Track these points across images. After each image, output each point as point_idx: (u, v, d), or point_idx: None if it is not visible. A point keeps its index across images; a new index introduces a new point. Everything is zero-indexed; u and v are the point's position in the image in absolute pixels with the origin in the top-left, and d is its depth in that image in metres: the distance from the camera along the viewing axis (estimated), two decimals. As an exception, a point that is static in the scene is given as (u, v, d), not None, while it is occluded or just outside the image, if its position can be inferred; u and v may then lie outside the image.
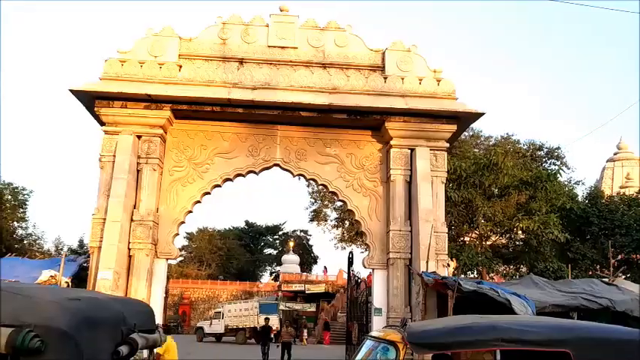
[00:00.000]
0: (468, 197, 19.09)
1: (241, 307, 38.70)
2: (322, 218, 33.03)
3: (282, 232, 74.80)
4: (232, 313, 37.87)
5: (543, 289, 11.83)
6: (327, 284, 47.67)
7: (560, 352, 3.75)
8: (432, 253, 12.31)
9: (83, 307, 2.76)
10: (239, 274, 65.11)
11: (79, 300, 2.81)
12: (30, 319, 2.48)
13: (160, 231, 13.21)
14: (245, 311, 37.72)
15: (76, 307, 2.69)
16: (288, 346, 20.16)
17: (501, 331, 3.79)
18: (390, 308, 12.78)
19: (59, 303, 2.64)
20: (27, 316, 2.50)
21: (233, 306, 39.89)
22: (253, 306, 37.91)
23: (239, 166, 13.79)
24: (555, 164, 25.78)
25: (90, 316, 2.72)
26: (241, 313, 37.68)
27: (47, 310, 2.58)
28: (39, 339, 2.42)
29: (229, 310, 38.43)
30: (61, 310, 2.59)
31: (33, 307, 2.56)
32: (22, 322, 2.45)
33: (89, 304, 2.87)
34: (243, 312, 37.74)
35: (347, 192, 13.79)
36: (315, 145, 13.97)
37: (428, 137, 13.51)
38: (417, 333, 3.90)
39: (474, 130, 28.24)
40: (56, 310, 2.58)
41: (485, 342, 3.80)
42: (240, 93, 13.16)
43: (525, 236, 20.04)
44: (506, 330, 3.81)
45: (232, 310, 38.59)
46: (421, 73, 13.76)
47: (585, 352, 3.73)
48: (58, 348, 2.48)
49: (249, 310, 37.59)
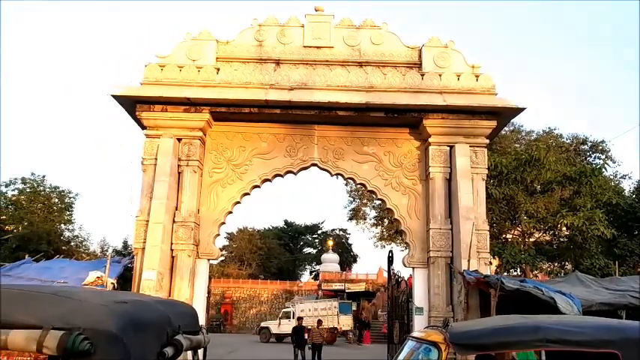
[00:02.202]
0: (510, 194, 18.74)
1: (317, 307, 37.71)
2: (361, 217, 32.93)
3: (321, 231, 74.94)
4: (306, 313, 36.33)
5: (589, 286, 11.53)
6: (367, 283, 47.55)
7: (607, 353, 3.65)
8: (473, 251, 12.15)
9: (130, 309, 2.84)
10: (279, 273, 65.54)
11: (126, 303, 2.89)
12: (79, 322, 2.57)
13: (201, 232, 13.42)
14: (322, 310, 36.93)
15: (124, 309, 2.78)
16: (319, 348, 19.19)
17: (546, 331, 3.71)
18: (432, 307, 12.66)
19: (107, 306, 2.73)
20: (77, 319, 2.59)
21: (307, 305, 38.96)
22: (333, 305, 37.16)
23: (277, 166, 13.88)
24: (600, 158, 25.07)
25: (136, 319, 2.80)
26: (317, 312, 36.78)
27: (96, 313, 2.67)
28: (88, 341, 2.50)
29: (302, 310, 37.19)
30: (109, 313, 2.67)
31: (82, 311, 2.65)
32: (73, 325, 2.54)
33: (136, 307, 2.95)
34: (320, 311, 36.84)
35: (385, 190, 13.72)
36: (352, 144, 13.96)
37: (467, 134, 13.32)
38: (460, 333, 3.85)
39: (515, 125, 27.69)
40: (104, 313, 2.66)
41: (530, 342, 3.73)
42: (277, 94, 13.25)
43: (570, 233, 19.53)
44: (551, 330, 3.73)
45: (305, 309, 37.52)
46: (459, 69, 13.59)
47: (635, 354, 3.62)
48: (107, 350, 2.56)
49: (327, 310, 36.93)
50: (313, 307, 37.98)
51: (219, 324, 49.97)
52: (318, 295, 47.70)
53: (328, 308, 37.02)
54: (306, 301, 40.88)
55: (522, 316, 4.16)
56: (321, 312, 36.70)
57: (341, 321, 36.53)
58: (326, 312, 36.71)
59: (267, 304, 54.89)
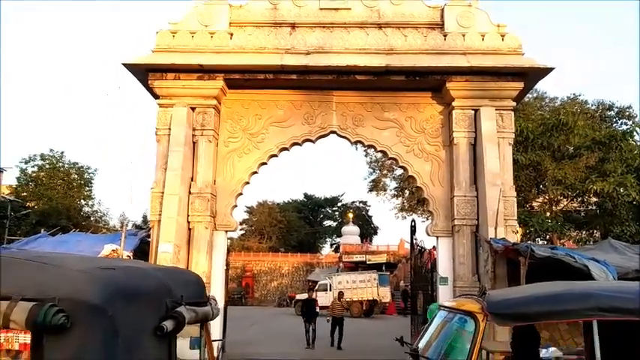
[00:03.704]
0: (536, 160, 18.08)
1: (355, 279, 36.98)
2: (381, 188, 32.42)
3: (341, 203, 74.58)
4: (344, 285, 35.44)
5: (624, 253, 11.01)
6: (388, 254, 47.24)
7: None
8: (500, 218, 11.66)
9: (119, 277, 2.42)
10: (299, 246, 65.49)
11: (114, 269, 2.46)
12: (55, 292, 2.14)
13: (217, 203, 13.11)
14: (361, 283, 36.32)
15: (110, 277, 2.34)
16: (340, 322, 17.67)
17: (598, 299, 3.27)
18: (457, 277, 12.25)
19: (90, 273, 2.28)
20: (52, 288, 2.17)
21: (344, 277, 38.04)
22: (372, 277, 36.71)
23: (295, 134, 13.45)
24: (627, 124, 24.17)
25: (127, 288, 2.37)
26: (356, 285, 36.33)
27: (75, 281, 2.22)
28: (64, 314, 2.08)
29: (339, 282, 36.31)
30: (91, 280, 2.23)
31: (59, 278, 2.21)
32: (46, 296, 2.11)
33: (127, 274, 2.53)
34: (358, 284, 36.30)
35: (407, 157, 13.23)
36: (372, 109, 13.45)
37: (493, 96, 12.73)
38: (499, 302, 3.42)
39: (539, 91, 26.86)
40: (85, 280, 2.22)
41: (580, 312, 3.29)
42: (294, 59, 12.75)
43: (599, 199, 18.84)
44: (605, 298, 3.28)
45: (343, 281, 36.65)
46: (483, 29, 12.94)
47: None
48: (87, 324, 2.15)
49: (366, 282, 36.56)
50: (351, 279, 37.40)
51: (241, 297, 50.19)
52: (339, 268, 47.54)
53: (367, 280, 36.49)
54: (344, 274, 40.41)
55: (569, 283, 3.72)
56: (360, 284, 36.37)
57: (380, 293, 36.20)
58: (365, 284, 36.31)
59: (288, 277, 54.95)
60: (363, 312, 35.09)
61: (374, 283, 36.07)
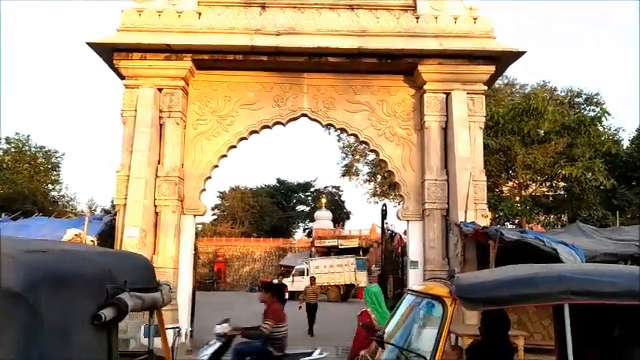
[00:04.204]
0: (506, 145, 18.18)
1: (332, 263, 36.95)
2: (354, 173, 32.40)
3: (314, 188, 74.56)
4: (321, 270, 35.91)
5: (592, 237, 11.09)
6: (360, 239, 47.43)
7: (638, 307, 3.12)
8: (470, 202, 11.65)
9: (49, 260, 2.18)
10: (272, 231, 65.33)
11: (44, 252, 2.23)
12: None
13: (185, 187, 12.83)
14: (338, 267, 36.35)
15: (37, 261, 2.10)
16: (314, 308, 17.09)
17: (571, 281, 3.16)
18: (427, 261, 12.24)
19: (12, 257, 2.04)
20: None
21: (321, 262, 38.08)
22: (350, 262, 36.49)
23: (265, 117, 13.21)
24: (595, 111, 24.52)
25: (56, 273, 2.13)
26: (333, 269, 36.33)
27: None
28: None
29: (317, 267, 36.47)
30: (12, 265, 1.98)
31: None
32: None
33: (59, 258, 2.29)
34: (335, 268, 36.34)
35: (379, 141, 13.11)
36: (344, 92, 13.27)
37: (464, 80, 12.66)
38: (468, 286, 3.29)
39: (509, 78, 27.10)
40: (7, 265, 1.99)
41: (551, 295, 3.18)
42: (264, 39, 12.47)
43: (567, 184, 19.08)
44: (577, 280, 3.18)
45: (320, 266, 36.77)
46: (456, 12, 12.83)
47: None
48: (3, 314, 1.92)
49: (344, 267, 36.30)
50: (329, 263, 37.28)
51: (213, 282, 50.00)
52: (312, 252, 47.62)
53: (345, 265, 36.39)
54: (321, 259, 40.27)
55: (540, 265, 3.62)
56: (337, 269, 36.32)
57: (358, 277, 36.19)
58: (342, 269, 36.28)
59: (260, 262, 54.90)
60: (340, 296, 35.15)
61: (351, 267, 36.12)
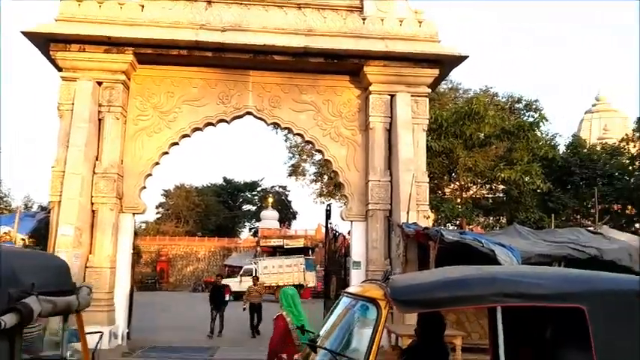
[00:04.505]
0: (449, 147, 18.55)
1: (281, 264, 36.68)
2: (301, 173, 32.37)
3: (261, 188, 74.01)
4: (269, 270, 35.86)
5: (528, 238, 11.42)
6: (306, 239, 47.38)
7: (571, 309, 3.16)
8: (412, 203, 11.78)
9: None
10: (217, 230, 64.45)
11: None
12: None
13: (125, 184, 12.45)
14: (287, 267, 36.11)
15: None
16: (258, 308, 16.57)
17: (503, 284, 3.18)
18: (369, 261, 12.31)
19: None
20: None
21: (270, 262, 37.78)
22: (299, 262, 36.24)
23: (209, 114, 12.98)
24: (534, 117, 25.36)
25: None
26: (282, 269, 36.05)
27: None
28: None
29: (265, 267, 36.28)
30: None
31: None
32: None
33: None
34: (284, 268, 36.08)
35: (324, 141, 13.10)
36: (289, 91, 13.18)
37: (409, 82, 12.80)
38: (403, 288, 3.26)
39: (453, 82, 27.69)
40: None
41: (485, 297, 3.19)
42: (209, 35, 12.25)
43: (506, 187, 19.66)
44: (510, 283, 3.20)
45: (269, 266, 36.60)
46: (402, 14, 12.96)
47: (602, 308, 3.15)
48: None
49: (293, 267, 36.01)
50: (277, 263, 37.04)
51: (155, 282, 48.94)
52: (257, 252, 47.26)
53: (294, 265, 36.22)
54: (269, 259, 39.97)
55: (475, 267, 3.63)
56: (287, 269, 36.13)
57: (307, 277, 36.08)
58: (291, 269, 36.12)
59: (204, 262, 54.09)
60: None
61: (300, 267, 36.01)
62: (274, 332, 6.10)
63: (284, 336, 5.91)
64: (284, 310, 6.06)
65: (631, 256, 10.60)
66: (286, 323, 5.92)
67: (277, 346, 5.91)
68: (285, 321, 5.94)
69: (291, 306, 6.02)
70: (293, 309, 5.99)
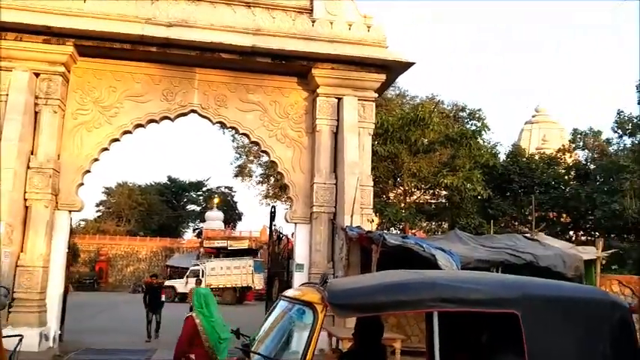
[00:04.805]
0: (394, 152, 18.78)
1: (229, 265, 36.10)
2: (247, 174, 32.11)
3: (206, 188, 73.03)
4: (217, 272, 35.43)
5: (467, 244, 11.64)
6: (250, 240, 46.99)
7: (506, 314, 3.20)
8: (356, 207, 11.84)
9: None
10: (160, 230, 63.14)
11: None
12: None
13: (61, 180, 11.98)
14: (235, 269, 35.57)
15: None
16: None
17: (442, 289, 3.18)
18: (312, 264, 12.29)
19: None
20: None
21: (218, 263, 37.27)
22: (247, 264, 35.75)
23: (152, 110, 12.67)
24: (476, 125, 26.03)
25: None
26: (230, 271, 35.52)
27: None
28: None
29: (212, 268, 35.86)
30: None
31: None
32: None
33: None
34: (232, 270, 35.54)
35: (270, 142, 13.00)
36: (236, 90, 13.02)
37: (356, 86, 12.88)
38: (340, 292, 3.22)
39: (400, 89, 28.05)
40: None
41: (423, 302, 3.19)
42: (155, 30, 11.95)
43: (448, 192, 20.07)
44: (448, 288, 3.20)
45: (217, 267, 36.14)
46: (351, 19, 13.02)
47: (534, 314, 3.20)
48: None
49: (241, 269, 35.59)
50: (225, 265, 36.50)
51: (93, 282, 47.50)
52: (200, 253, 46.57)
53: (242, 266, 35.79)
54: (217, 260, 39.36)
55: (412, 271, 3.62)
56: (234, 270, 35.67)
57: (255, 279, 35.67)
58: (239, 270, 35.69)
59: (145, 262, 52.92)
60: (236, 299, 34.61)
61: (249, 269, 35.64)
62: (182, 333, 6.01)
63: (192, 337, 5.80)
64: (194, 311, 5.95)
65: (565, 262, 10.97)
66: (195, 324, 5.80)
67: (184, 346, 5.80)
68: (194, 322, 5.82)
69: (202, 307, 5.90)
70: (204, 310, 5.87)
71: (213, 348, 5.78)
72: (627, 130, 22.75)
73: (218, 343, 5.80)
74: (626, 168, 19.57)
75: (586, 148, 26.27)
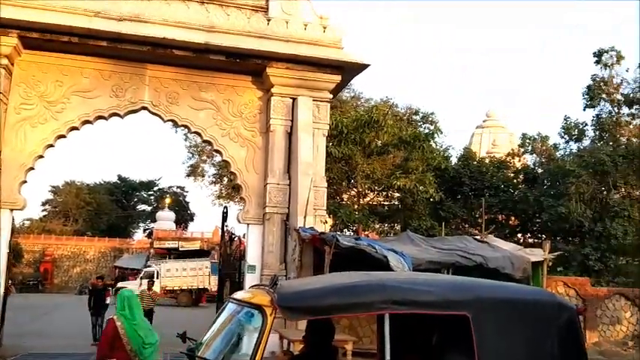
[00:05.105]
0: (348, 154, 18.82)
1: (186, 267, 35.48)
2: (200, 174, 31.65)
3: (158, 187, 71.75)
4: (172, 273, 34.82)
5: (419, 245, 11.75)
6: (202, 241, 46.40)
7: (457, 316, 3.19)
8: (310, 208, 11.79)
9: None
10: (109, 230, 61.65)
11: None
12: None
13: (3, 177, 11.47)
14: (192, 271, 34.98)
15: None
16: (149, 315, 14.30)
17: (393, 291, 3.14)
18: (265, 265, 12.17)
19: None
20: None
21: (173, 264, 36.57)
22: (204, 265, 35.07)
23: (100, 107, 12.30)
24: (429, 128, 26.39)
25: None
26: (186, 273, 34.89)
27: None
28: None
29: (168, 270, 35.14)
30: None
31: None
32: None
33: None
34: (189, 272, 34.94)
35: (222, 141, 12.81)
36: (189, 88, 12.78)
37: (311, 87, 12.83)
38: (290, 294, 3.14)
39: (355, 91, 28.18)
40: None
41: (374, 305, 3.14)
42: (105, 24, 11.59)
43: (401, 195, 20.25)
44: (399, 290, 3.17)
45: (172, 269, 35.44)
46: (307, 19, 12.97)
47: (485, 316, 3.20)
48: None
49: (197, 270, 34.93)
50: (182, 266, 35.82)
51: (37, 283, 45.96)
52: (150, 254, 45.69)
53: (199, 268, 35.21)
54: (173, 261, 38.56)
55: (363, 273, 3.58)
56: (191, 272, 35.07)
57: (212, 282, 35.08)
58: (196, 272, 35.09)
59: (93, 263, 51.62)
60: (192, 301, 34.07)
61: (205, 271, 35.13)
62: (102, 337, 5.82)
63: (112, 340, 5.60)
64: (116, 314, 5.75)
65: (513, 264, 11.21)
66: (115, 327, 5.61)
67: (105, 350, 5.60)
68: (115, 324, 5.63)
69: (125, 309, 5.71)
70: (126, 312, 5.68)
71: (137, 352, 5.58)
72: (573, 135, 23.42)
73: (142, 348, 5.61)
74: (572, 172, 20.12)
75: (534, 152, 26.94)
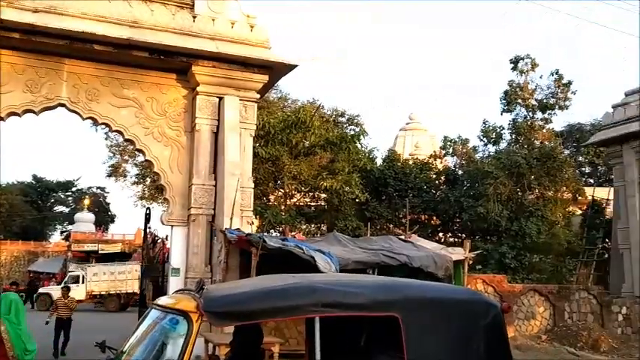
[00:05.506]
0: (275, 154, 18.78)
1: (114, 270, 33.95)
2: (121, 174, 30.69)
3: (76, 188, 68.91)
4: (100, 277, 33.37)
5: (346, 246, 11.86)
6: (123, 244, 44.92)
7: (387, 317, 3.20)
8: (236, 209, 11.63)
9: None
10: (23, 233, 58.52)
11: None
12: None
13: None
14: (120, 275, 33.51)
15: None
16: (67, 324, 13.74)
17: (323, 293, 3.11)
18: (190, 268, 11.90)
19: None
20: None
21: (101, 268, 34.79)
22: (134, 269, 33.57)
23: (13, 103, 11.60)
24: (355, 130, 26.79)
25: None
26: (114, 277, 33.42)
27: None
28: None
29: (95, 274, 33.64)
30: None
31: None
32: None
33: None
34: (117, 275, 33.47)
35: (145, 140, 12.41)
36: (110, 85, 12.29)
37: (238, 86, 12.67)
38: (217, 299, 3.03)
39: (282, 92, 28.20)
40: None
41: (304, 308, 3.09)
42: (17, 15, 10.93)
43: (328, 195, 20.42)
44: (328, 292, 3.13)
45: (100, 273, 33.87)
46: (234, 17, 12.79)
47: (415, 316, 3.23)
48: None
49: (127, 274, 33.41)
50: (109, 270, 34.37)
51: (-60, 291, 42.94)
52: (68, 257, 43.71)
53: (128, 272, 33.94)
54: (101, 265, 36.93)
55: (293, 276, 3.53)
56: (119, 276, 33.74)
57: None
58: (125, 276, 33.77)
59: (5, 267, 48.83)
60: (120, 306, 32.84)
61: (135, 275, 33.93)
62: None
63: None
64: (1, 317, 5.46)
65: (436, 263, 11.53)
66: None
67: None
68: None
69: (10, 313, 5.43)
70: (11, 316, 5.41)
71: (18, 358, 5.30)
72: (491, 138, 24.44)
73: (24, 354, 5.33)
74: (490, 174, 20.97)
75: (455, 154, 27.92)
